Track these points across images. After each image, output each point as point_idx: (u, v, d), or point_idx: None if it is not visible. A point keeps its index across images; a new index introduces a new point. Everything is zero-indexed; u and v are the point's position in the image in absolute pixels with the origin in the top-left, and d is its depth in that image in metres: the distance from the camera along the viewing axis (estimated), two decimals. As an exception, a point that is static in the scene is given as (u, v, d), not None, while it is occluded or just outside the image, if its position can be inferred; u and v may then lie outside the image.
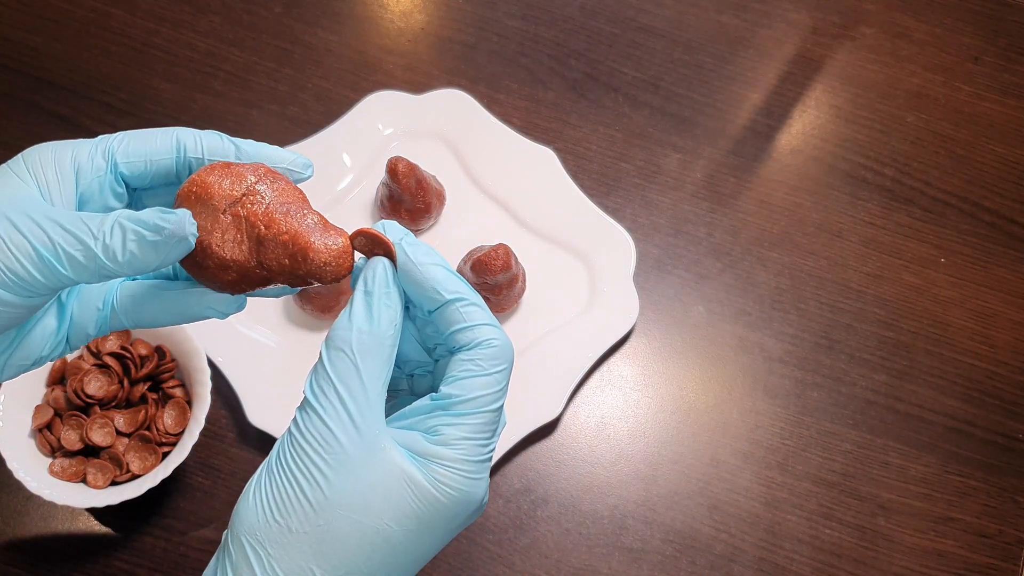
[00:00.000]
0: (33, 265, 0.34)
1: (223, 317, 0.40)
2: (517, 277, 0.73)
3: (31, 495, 0.63)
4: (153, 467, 0.64)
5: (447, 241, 0.78)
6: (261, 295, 0.39)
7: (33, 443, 0.65)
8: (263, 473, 0.36)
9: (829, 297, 0.79)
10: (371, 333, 0.36)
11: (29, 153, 0.37)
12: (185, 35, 0.86)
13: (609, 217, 0.79)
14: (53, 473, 0.63)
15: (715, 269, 0.80)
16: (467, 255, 0.73)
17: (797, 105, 0.88)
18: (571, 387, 0.73)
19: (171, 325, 0.40)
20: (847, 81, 0.89)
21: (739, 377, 0.76)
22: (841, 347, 0.77)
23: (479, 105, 0.82)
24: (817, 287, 0.80)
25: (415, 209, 0.76)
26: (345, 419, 0.35)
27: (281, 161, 0.40)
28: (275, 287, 0.38)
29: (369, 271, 0.37)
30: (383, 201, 0.77)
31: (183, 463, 0.64)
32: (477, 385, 0.36)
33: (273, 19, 0.87)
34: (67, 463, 0.64)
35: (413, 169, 0.74)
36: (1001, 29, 0.92)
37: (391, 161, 0.74)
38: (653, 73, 0.88)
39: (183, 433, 0.65)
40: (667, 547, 0.70)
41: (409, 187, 0.74)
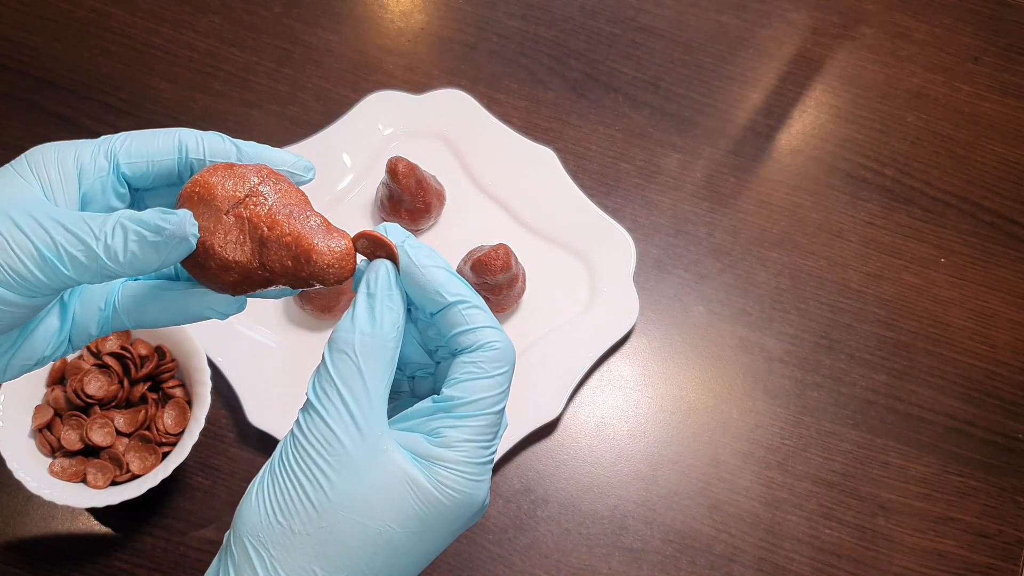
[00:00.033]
0: (36, 265, 0.34)
1: (223, 318, 0.40)
2: (517, 277, 0.73)
3: (31, 495, 0.63)
4: (153, 467, 0.64)
5: (447, 241, 0.78)
6: (261, 296, 0.39)
7: (33, 443, 0.65)
8: (266, 474, 0.36)
9: (829, 297, 0.79)
10: (374, 335, 0.36)
11: (32, 153, 0.37)
12: (185, 35, 0.86)
13: (609, 217, 0.79)
14: (53, 473, 0.63)
15: (715, 269, 0.80)
16: (467, 255, 0.73)
17: (797, 105, 0.88)
18: (571, 387, 0.73)
19: (172, 325, 0.40)
20: (847, 81, 0.89)
21: (739, 377, 0.76)
22: (841, 347, 0.77)
23: (479, 105, 0.82)
24: (817, 287, 0.80)
25: (415, 209, 0.76)
26: (348, 421, 0.35)
27: (282, 163, 0.39)
28: (276, 288, 0.38)
29: (372, 273, 0.37)
30: (383, 201, 0.77)
31: (183, 463, 0.64)
32: (479, 387, 0.36)
33: (273, 19, 0.87)
34: (67, 463, 0.64)
35: (413, 169, 0.74)
36: (1001, 29, 0.93)
37: (391, 161, 0.74)
38: (653, 73, 0.88)
39: (183, 433, 0.65)
40: (667, 547, 0.70)
41: (409, 187, 0.74)
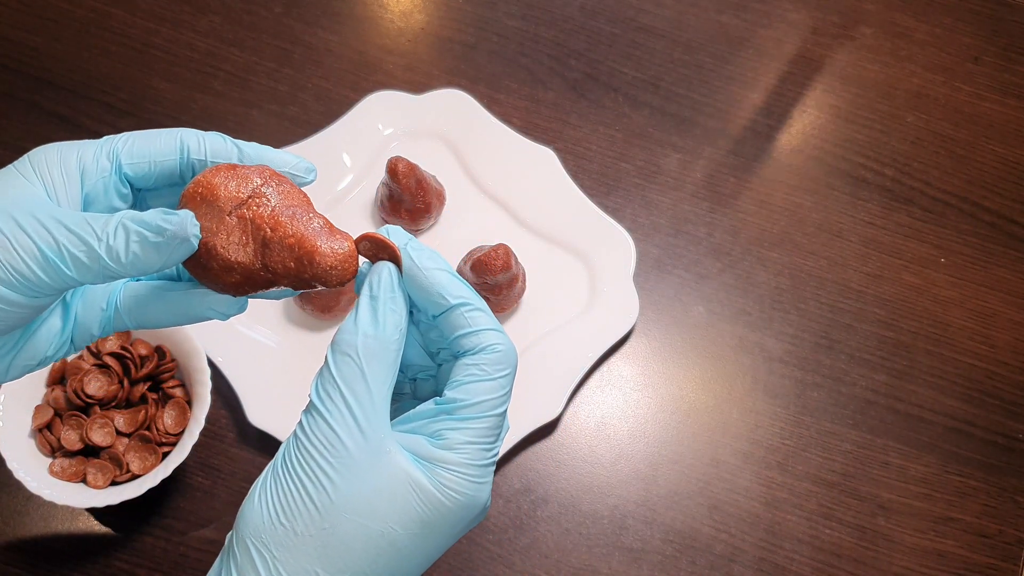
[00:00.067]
0: (38, 266, 0.34)
1: (225, 318, 0.40)
2: (517, 277, 0.73)
3: (31, 495, 0.63)
4: (153, 467, 0.64)
5: (447, 241, 0.78)
6: (263, 297, 0.39)
7: (33, 443, 0.65)
8: (268, 476, 0.36)
9: (829, 297, 0.79)
10: (376, 337, 0.36)
11: (35, 154, 0.37)
12: (185, 35, 0.86)
13: (609, 217, 0.79)
14: (53, 473, 0.63)
15: (715, 269, 0.80)
16: (467, 255, 0.73)
17: (797, 105, 0.88)
18: (571, 387, 0.73)
19: (173, 326, 0.40)
20: (847, 81, 0.89)
21: (739, 377, 0.76)
22: (841, 347, 0.78)
23: (479, 105, 0.82)
24: (817, 287, 0.80)
25: (415, 209, 0.76)
26: (351, 423, 0.35)
27: (284, 165, 0.39)
28: (277, 289, 0.38)
29: (375, 276, 0.37)
30: (383, 201, 0.77)
31: (183, 463, 0.64)
32: (481, 390, 0.37)
33: (273, 19, 0.87)
34: (67, 463, 0.64)
35: (413, 169, 0.74)
36: (1001, 29, 0.93)
37: (391, 161, 0.74)
38: (653, 73, 0.88)
39: (183, 433, 0.65)
40: (667, 547, 0.70)
41: (409, 187, 0.74)
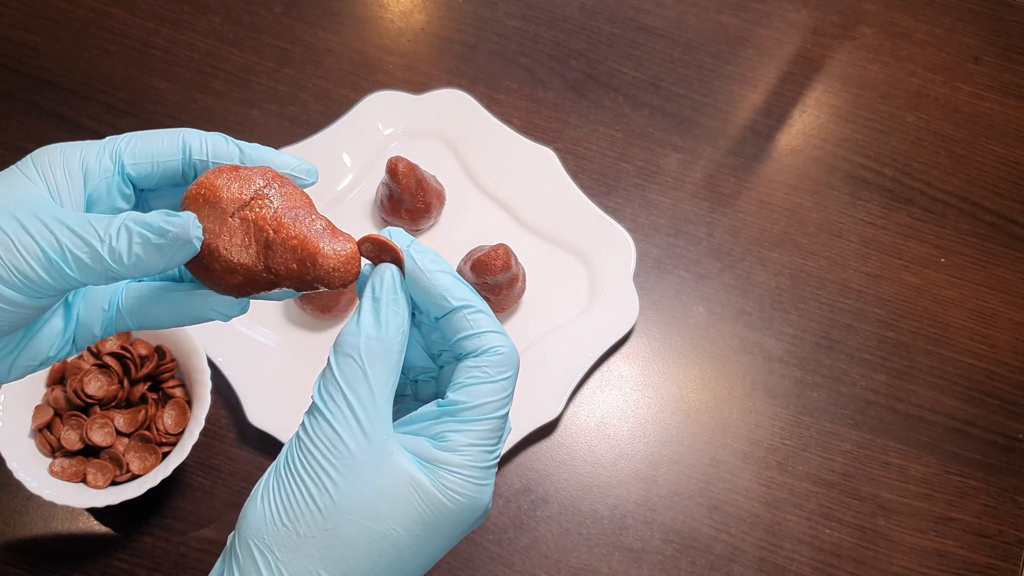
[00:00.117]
0: (41, 266, 0.34)
1: (227, 319, 0.40)
2: (517, 277, 0.73)
3: (31, 495, 0.63)
4: (153, 467, 0.64)
5: (447, 241, 0.78)
6: (264, 298, 0.39)
7: (33, 443, 0.65)
8: (271, 477, 0.36)
9: (829, 297, 0.79)
10: (379, 339, 0.36)
11: (38, 154, 0.37)
12: (185, 35, 0.86)
13: (609, 217, 0.79)
14: (53, 473, 0.63)
15: (715, 269, 0.80)
16: (467, 255, 0.73)
17: (797, 105, 0.88)
18: (571, 387, 0.73)
19: (175, 327, 0.40)
20: (847, 81, 0.89)
21: (739, 377, 0.76)
22: (841, 347, 0.78)
23: (479, 105, 0.82)
24: (817, 287, 0.80)
25: (415, 209, 0.76)
26: (353, 424, 0.35)
27: (285, 167, 0.39)
28: (279, 290, 0.38)
29: (377, 277, 0.37)
30: (383, 201, 0.77)
31: (183, 463, 0.64)
32: (484, 392, 0.37)
33: (273, 19, 0.87)
34: (67, 463, 0.64)
35: (413, 169, 0.74)
36: (1001, 29, 0.93)
37: (391, 161, 0.73)
38: (653, 73, 0.88)
39: (183, 433, 0.65)
40: (667, 547, 0.70)
41: (409, 187, 0.74)
